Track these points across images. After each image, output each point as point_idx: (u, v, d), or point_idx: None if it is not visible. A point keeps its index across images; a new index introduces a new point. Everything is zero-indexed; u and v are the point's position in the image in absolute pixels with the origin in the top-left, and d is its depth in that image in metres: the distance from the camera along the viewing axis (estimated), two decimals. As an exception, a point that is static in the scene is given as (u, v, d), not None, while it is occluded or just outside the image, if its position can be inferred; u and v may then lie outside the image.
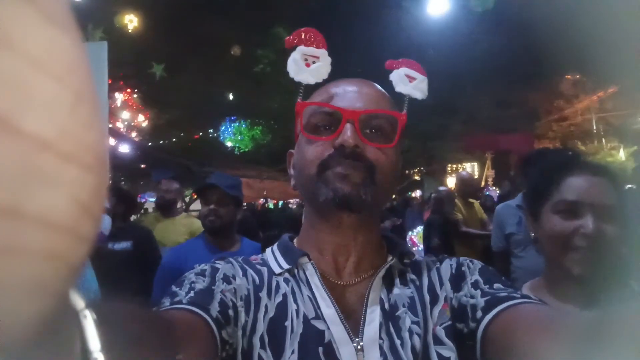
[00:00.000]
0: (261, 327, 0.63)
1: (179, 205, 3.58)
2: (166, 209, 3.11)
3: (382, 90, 0.74)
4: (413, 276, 0.73)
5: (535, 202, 0.99)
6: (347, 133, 0.65)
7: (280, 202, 12.70)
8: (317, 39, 0.72)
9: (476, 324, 0.61)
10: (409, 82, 0.72)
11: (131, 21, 8.24)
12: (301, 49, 0.71)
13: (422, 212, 6.15)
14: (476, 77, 6.82)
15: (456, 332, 0.65)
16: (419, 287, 0.71)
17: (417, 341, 0.64)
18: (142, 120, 12.12)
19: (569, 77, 13.79)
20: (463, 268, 0.72)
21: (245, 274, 0.69)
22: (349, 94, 0.70)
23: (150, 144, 11.49)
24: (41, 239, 0.14)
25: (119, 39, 7.24)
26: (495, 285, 0.65)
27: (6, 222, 0.14)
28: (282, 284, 0.69)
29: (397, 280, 0.71)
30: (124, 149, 9.52)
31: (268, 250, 0.76)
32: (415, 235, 5.11)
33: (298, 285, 0.69)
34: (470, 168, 15.94)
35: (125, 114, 11.42)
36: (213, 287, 0.61)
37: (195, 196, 2.19)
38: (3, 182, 0.13)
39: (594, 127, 14.05)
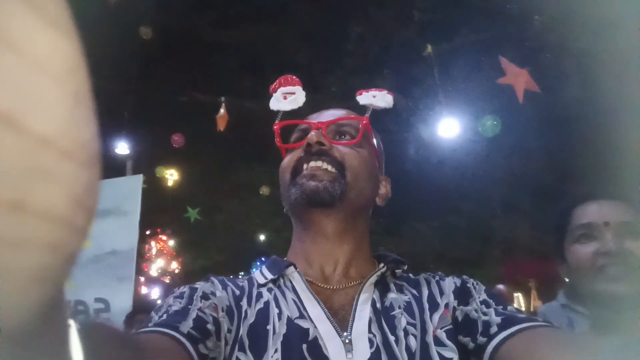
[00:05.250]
0: (240, 332, 0.63)
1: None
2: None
3: (350, 111, 0.83)
4: (411, 288, 0.72)
5: (557, 245, 0.97)
6: (312, 134, 0.73)
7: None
8: (292, 80, 0.83)
9: (487, 339, 0.59)
10: (372, 97, 0.81)
11: (172, 175, 8.95)
12: (281, 89, 0.82)
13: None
14: (505, 199, 6.85)
15: (459, 345, 0.63)
16: (417, 297, 0.70)
17: (412, 342, 0.62)
18: (175, 267, 12.31)
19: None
20: (468, 285, 0.71)
21: (225, 288, 0.69)
22: (319, 115, 0.80)
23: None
24: (42, 231, 0.15)
25: (158, 189, 7.80)
26: (510, 308, 0.64)
27: (12, 215, 0.14)
28: (265, 293, 0.69)
29: (393, 287, 0.70)
30: (155, 293, 9.52)
31: (257, 270, 0.77)
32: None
33: (282, 292, 0.68)
34: (515, 300, 14.91)
35: (160, 262, 11.67)
36: (189, 307, 0.61)
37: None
38: (8, 177, 0.14)
39: None
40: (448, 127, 4.21)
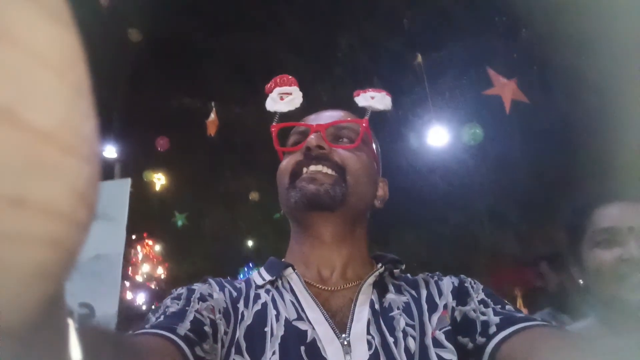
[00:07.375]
0: (237, 334, 0.62)
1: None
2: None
3: (347, 112, 0.82)
4: (410, 289, 0.72)
5: (573, 243, 0.93)
6: (311, 137, 0.72)
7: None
8: (289, 79, 0.82)
9: (486, 339, 0.59)
10: (371, 99, 0.80)
11: (159, 179, 8.86)
12: (277, 89, 0.81)
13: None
14: (491, 209, 6.92)
15: (457, 346, 0.63)
16: (416, 298, 0.70)
17: (411, 343, 0.61)
18: (161, 272, 12.16)
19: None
20: (466, 284, 0.71)
21: (222, 289, 0.68)
22: (317, 116, 0.80)
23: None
24: (44, 226, 0.15)
25: (146, 193, 7.73)
26: (507, 308, 0.64)
27: (12, 211, 0.14)
28: (263, 295, 0.68)
29: (392, 288, 0.70)
30: (141, 298, 9.41)
31: (255, 271, 0.76)
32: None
33: (280, 293, 0.68)
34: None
35: (145, 267, 11.53)
36: (187, 308, 0.60)
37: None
38: (8, 172, 0.14)
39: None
40: (436, 136, 4.25)
